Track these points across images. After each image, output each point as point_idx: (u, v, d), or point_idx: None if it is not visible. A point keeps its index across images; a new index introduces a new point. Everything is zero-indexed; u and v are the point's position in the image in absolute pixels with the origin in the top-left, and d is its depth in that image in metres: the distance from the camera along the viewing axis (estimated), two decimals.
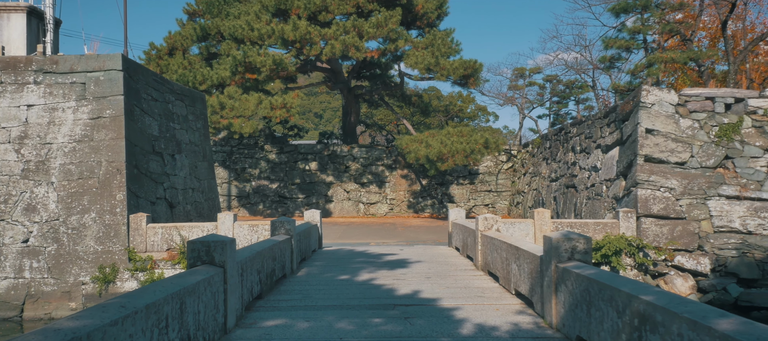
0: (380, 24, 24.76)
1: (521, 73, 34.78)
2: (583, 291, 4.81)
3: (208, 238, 5.50)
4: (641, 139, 14.16)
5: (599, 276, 4.60)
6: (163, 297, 3.94)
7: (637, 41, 19.79)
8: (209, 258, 5.43)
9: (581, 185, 18.18)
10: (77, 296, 13.06)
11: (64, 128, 13.76)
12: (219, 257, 5.44)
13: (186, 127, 17.97)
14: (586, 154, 18.38)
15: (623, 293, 4.02)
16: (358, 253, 13.09)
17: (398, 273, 9.71)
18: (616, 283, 4.24)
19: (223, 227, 13.69)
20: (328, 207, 29.93)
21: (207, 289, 4.94)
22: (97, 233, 13.31)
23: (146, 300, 3.75)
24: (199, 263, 5.42)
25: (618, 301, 4.09)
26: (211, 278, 5.05)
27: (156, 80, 16.12)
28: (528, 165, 28.29)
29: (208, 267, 5.34)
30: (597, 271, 4.80)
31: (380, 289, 8.08)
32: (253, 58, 24.17)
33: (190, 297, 4.48)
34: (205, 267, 5.32)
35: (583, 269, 5.04)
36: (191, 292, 4.50)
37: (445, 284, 8.50)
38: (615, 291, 4.15)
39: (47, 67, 13.97)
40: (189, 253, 5.43)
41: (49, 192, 13.41)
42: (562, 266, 5.46)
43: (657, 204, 13.75)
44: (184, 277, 4.68)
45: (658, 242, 13.56)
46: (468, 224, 12.06)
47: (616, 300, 4.13)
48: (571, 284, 5.13)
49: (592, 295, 4.59)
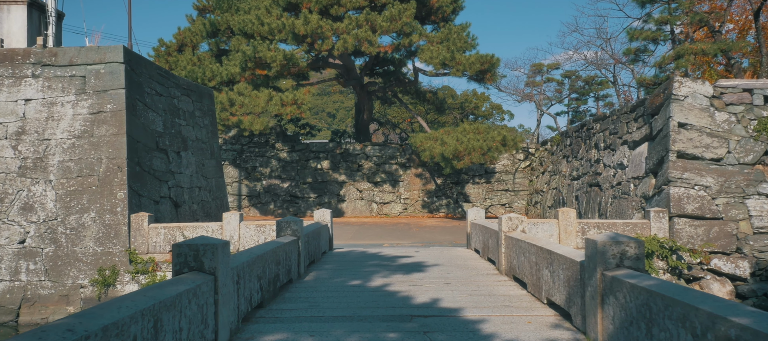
0: (394, 17, 23.96)
1: (539, 69, 33.81)
2: (641, 306, 3.99)
3: (196, 241, 4.75)
4: (673, 133, 13.24)
5: (665, 288, 3.77)
6: (129, 315, 3.18)
7: (663, 32, 18.80)
8: (198, 264, 4.68)
9: (606, 183, 17.25)
10: (75, 300, 12.42)
11: (63, 123, 13.14)
12: (209, 263, 4.69)
13: (192, 124, 17.31)
14: (611, 150, 17.45)
15: (703, 312, 3.19)
16: (371, 255, 12.31)
17: (414, 278, 8.92)
18: (691, 299, 3.42)
19: (229, 227, 12.99)
20: (341, 207, 29.19)
21: (192, 301, 4.19)
22: (96, 233, 12.66)
23: (105, 319, 2.99)
24: (186, 270, 4.67)
25: (695, 322, 3.26)
26: (197, 288, 4.30)
27: (160, 74, 15.46)
28: (547, 163, 27.35)
29: (196, 274, 4.59)
30: (659, 282, 3.97)
31: (395, 297, 7.30)
32: (264, 53, 23.49)
33: (169, 312, 3.72)
34: (193, 274, 4.57)
35: (640, 279, 4.21)
36: (170, 306, 3.75)
37: (467, 291, 7.68)
38: (690, 309, 3.33)
39: (46, 60, 13.35)
40: (174, 259, 4.68)
41: (47, 190, 12.79)
42: (610, 274, 4.64)
43: (691, 203, 12.82)
44: (162, 288, 3.92)
45: (693, 244, 12.63)
46: (489, 225, 11.24)
47: (691, 321, 3.30)
48: (623, 296, 4.31)
49: (655, 312, 3.77)
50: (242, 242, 12.96)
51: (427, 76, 29.52)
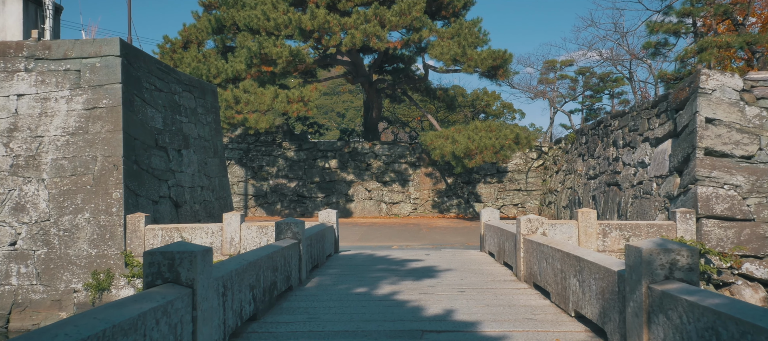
0: (403, 12, 23.25)
1: (552, 66, 32.94)
2: (705, 331, 3.26)
3: (171, 248, 4.08)
4: (700, 129, 12.44)
5: (740, 310, 3.04)
6: None
7: (685, 24, 17.94)
8: (173, 275, 4.00)
9: (625, 183, 16.44)
10: (68, 305, 11.83)
11: (57, 120, 12.55)
12: (186, 273, 4.01)
13: (195, 121, 16.69)
14: (630, 148, 16.64)
15: None
16: (379, 259, 11.61)
17: (425, 285, 8.21)
18: None
19: (229, 229, 12.34)
20: (349, 207, 28.52)
21: (162, 321, 3.51)
22: (91, 235, 12.06)
23: None
24: (159, 282, 4.00)
25: None
26: (168, 305, 3.61)
27: (160, 69, 14.84)
28: (561, 162, 26.52)
29: (170, 287, 3.91)
30: (729, 301, 3.24)
31: (404, 307, 6.60)
32: (269, 49, 22.86)
33: (127, 338, 3.04)
34: (165, 288, 3.89)
35: (700, 296, 3.48)
36: (130, 330, 3.06)
37: (484, 300, 6.96)
38: None
39: (39, 53, 12.77)
40: (145, 269, 4.01)
41: (40, 190, 12.20)
42: (658, 288, 3.91)
43: (720, 203, 12.02)
44: (120, 308, 3.24)
45: (723, 247, 11.83)
46: (505, 227, 10.50)
47: None
48: (678, 316, 3.58)
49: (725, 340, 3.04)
50: (244, 244, 12.31)
51: (438, 72, 28.79)
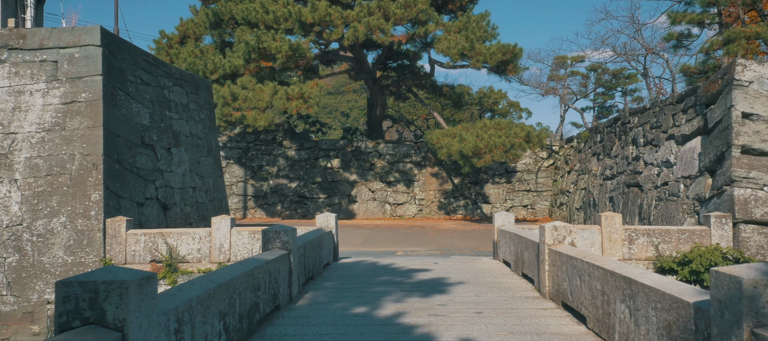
0: (408, 4, 22.13)
1: (563, 62, 31.76)
2: None
3: (95, 276, 3.00)
4: (736, 125, 11.30)
5: None
6: None
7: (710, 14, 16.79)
8: (96, 315, 2.92)
9: (648, 183, 15.30)
10: (41, 317, 10.78)
11: (32, 115, 11.52)
12: (114, 311, 2.92)
13: (186, 117, 15.63)
14: (653, 146, 15.49)
15: None
16: (382, 268, 10.51)
17: (435, 302, 7.11)
18: None
19: (219, 234, 11.27)
20: (352, 208, 27.43)
21: None
22: (67, 241, 11.01)
23: None
24: (77, 323, 2.92)
25: None
26: None
27: (147, 61, 13.80)
28: (573, 161, 25.36)
29: (90, 332, 2.83)
30: None
31: (411, 335, 5.50)
32: (268, 43, 21.78)
33: None
34: (84, 333, 2.81)
35: None
36: None
37: (506, 326, 5.86)
38: None
39: (13, 43, 11.74)
40: (59, 305, 2.93)
41: (12, 191, 11.17)
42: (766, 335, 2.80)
43: (760, 207, 10.88)
44: None
45: (763, 255, 10.68)
46: (523, 233, 9.39)
47: None
48: None
49: None
50: (234, 251, 11.25)
51: (444, 68, 27.70)
